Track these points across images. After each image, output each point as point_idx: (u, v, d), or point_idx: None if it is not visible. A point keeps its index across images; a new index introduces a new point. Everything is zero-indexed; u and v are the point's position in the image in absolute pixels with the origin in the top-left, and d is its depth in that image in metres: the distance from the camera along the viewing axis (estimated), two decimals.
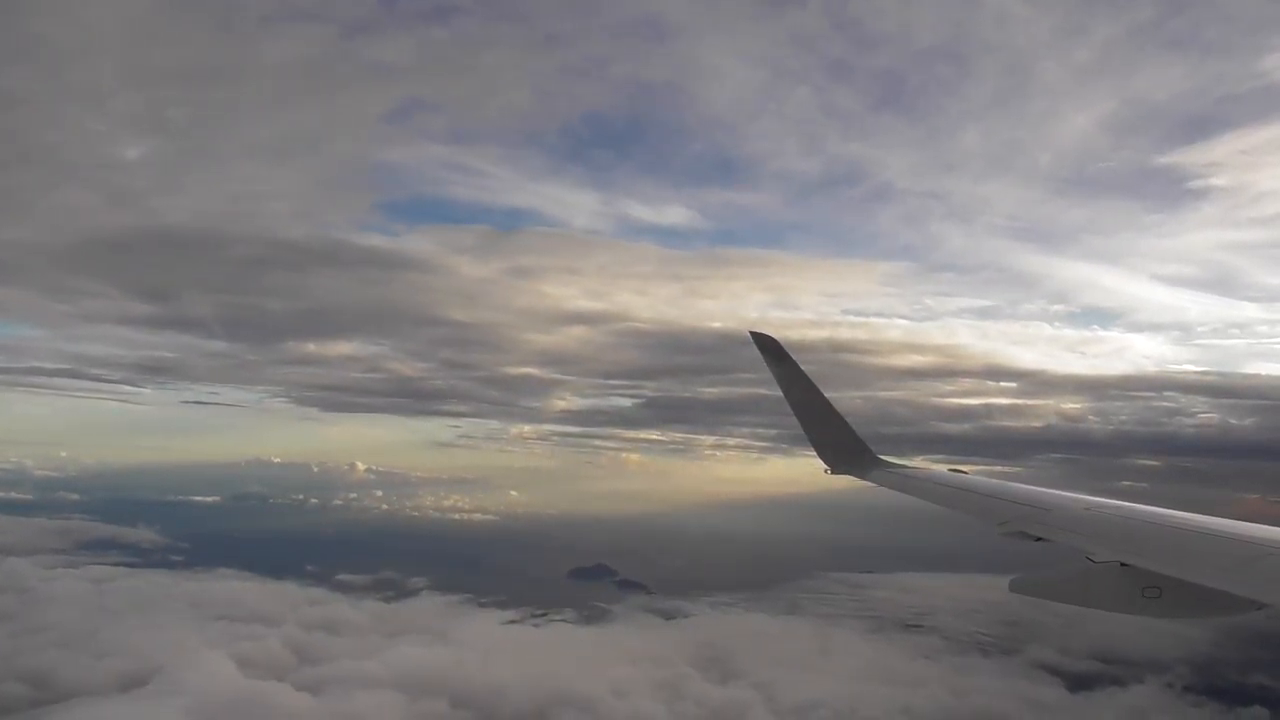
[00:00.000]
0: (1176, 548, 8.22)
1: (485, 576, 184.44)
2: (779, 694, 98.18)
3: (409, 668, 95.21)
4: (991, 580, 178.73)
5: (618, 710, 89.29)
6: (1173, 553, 8.09)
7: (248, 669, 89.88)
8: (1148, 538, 8.67)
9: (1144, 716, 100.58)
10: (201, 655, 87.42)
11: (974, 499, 11.98)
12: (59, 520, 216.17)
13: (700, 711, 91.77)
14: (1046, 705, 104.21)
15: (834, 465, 15.55)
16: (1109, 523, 9.55)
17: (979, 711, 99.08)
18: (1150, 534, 8.78)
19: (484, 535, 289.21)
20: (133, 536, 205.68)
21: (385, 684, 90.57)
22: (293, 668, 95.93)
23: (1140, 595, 7.54)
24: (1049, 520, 9.89)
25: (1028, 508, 10.63)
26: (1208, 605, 7.51)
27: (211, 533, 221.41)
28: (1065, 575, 8.17)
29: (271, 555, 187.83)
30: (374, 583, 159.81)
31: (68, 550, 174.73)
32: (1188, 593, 7.36)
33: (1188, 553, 8.05)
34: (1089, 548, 8.42)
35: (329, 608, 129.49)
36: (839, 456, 15.56)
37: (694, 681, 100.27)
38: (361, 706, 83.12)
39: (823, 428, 15.73)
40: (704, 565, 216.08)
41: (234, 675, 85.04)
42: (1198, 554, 7.93)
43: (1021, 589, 8.45)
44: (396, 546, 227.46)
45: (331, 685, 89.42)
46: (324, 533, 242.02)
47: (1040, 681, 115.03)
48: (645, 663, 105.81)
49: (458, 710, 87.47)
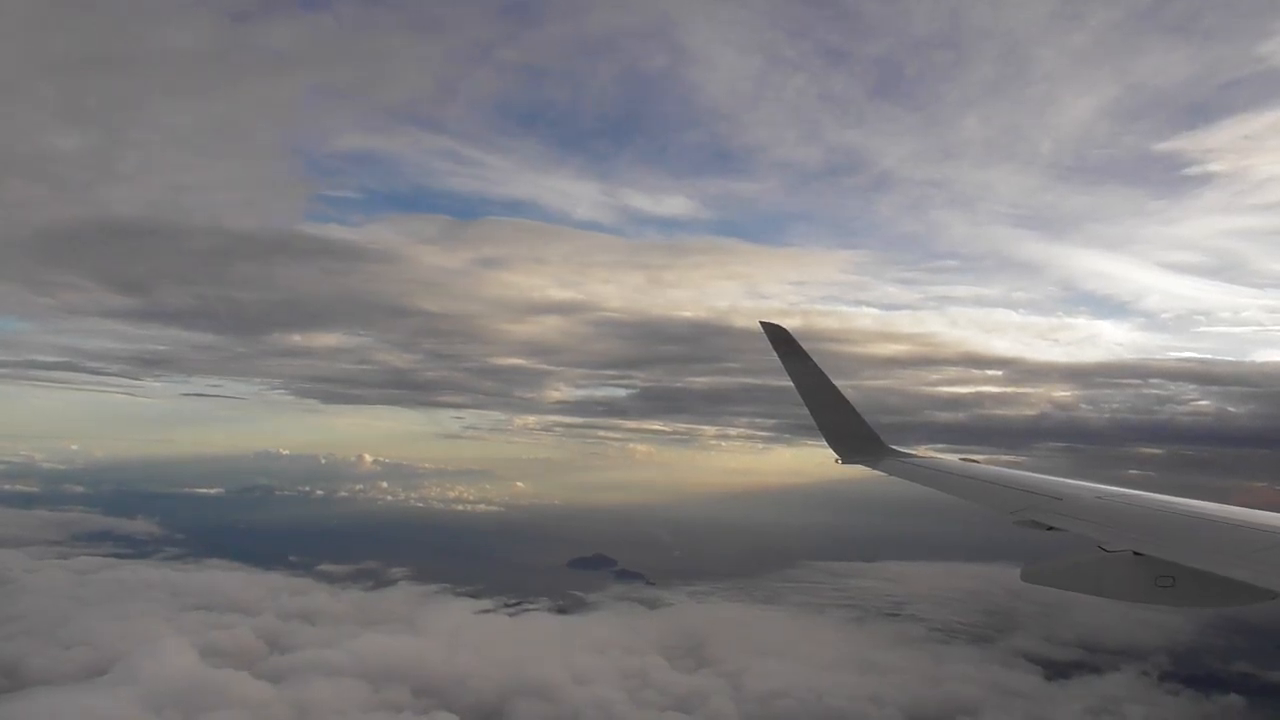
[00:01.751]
0: (1189, 537, 8.26)
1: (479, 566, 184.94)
2: (747, 683, 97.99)
3: (374, 656, 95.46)
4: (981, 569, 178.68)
5: (578, 697, 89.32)
6: (1186, 541, 8.12)
7: (215, 658, 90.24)
8: (1160, 526, 8.68)
9: (1116, 705, 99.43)
10: (164, 645, 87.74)
11: (985, 488, 12.06)
12: (59, 512, 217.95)
13: (663, 699, 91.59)
14: (1021, 693, 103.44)
15: (845, 455, 15.68)
16: (1121, 511, 9.58)
17: (949, 699, 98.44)
18: (1163, 523, 8.79)
19: (486, 526, 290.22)
20: (130, 528, 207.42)
21: (349, 673, 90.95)
22: (262, 657, 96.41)
23: (1153, 584, 7.55)
24: (1061, 509, 9.89)
25: (1039, 496, 10.67)
26: (1221, 594, 7.46)
27: (209, 524, 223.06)
28: (1078, 564, 8.10)
29: (266, 546, 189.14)
30: (355, 572, 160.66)
31: (63, 542, 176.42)
32: (1201, 582, 7.36)
33: (1201, 542, 8.08)
34: (1101, 536, 8.41)
35: (309, 597, 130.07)
36: (850, 446, 15.70)
37: (662, 670, 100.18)
38: (321, 695, 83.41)
39: (834, 418, 15.83)
40: (705, 555, 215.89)
41: (193, 664, 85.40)
42: (1211, 543, 7.97)
43: (1033, 578, 8.34)
44: (395, 537, 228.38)
45: (296, 674, 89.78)
46: (323, 524, 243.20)
47: (1019, 669, 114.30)
48: (615, 651, 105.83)
49: (419, 698, 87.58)
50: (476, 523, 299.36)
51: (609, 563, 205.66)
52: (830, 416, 15.80)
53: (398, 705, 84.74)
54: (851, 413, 15.82)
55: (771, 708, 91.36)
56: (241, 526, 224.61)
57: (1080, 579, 7.94)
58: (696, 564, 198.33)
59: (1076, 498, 10.32)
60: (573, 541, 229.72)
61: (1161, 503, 9.48)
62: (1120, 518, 9.34)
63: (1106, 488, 10.65)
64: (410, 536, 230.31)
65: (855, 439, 15.68)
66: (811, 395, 15.78)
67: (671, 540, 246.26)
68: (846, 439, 15.71)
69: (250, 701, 78.38)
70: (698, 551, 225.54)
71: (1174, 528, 8.56)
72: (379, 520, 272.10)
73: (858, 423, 15.80)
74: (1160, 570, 7.51)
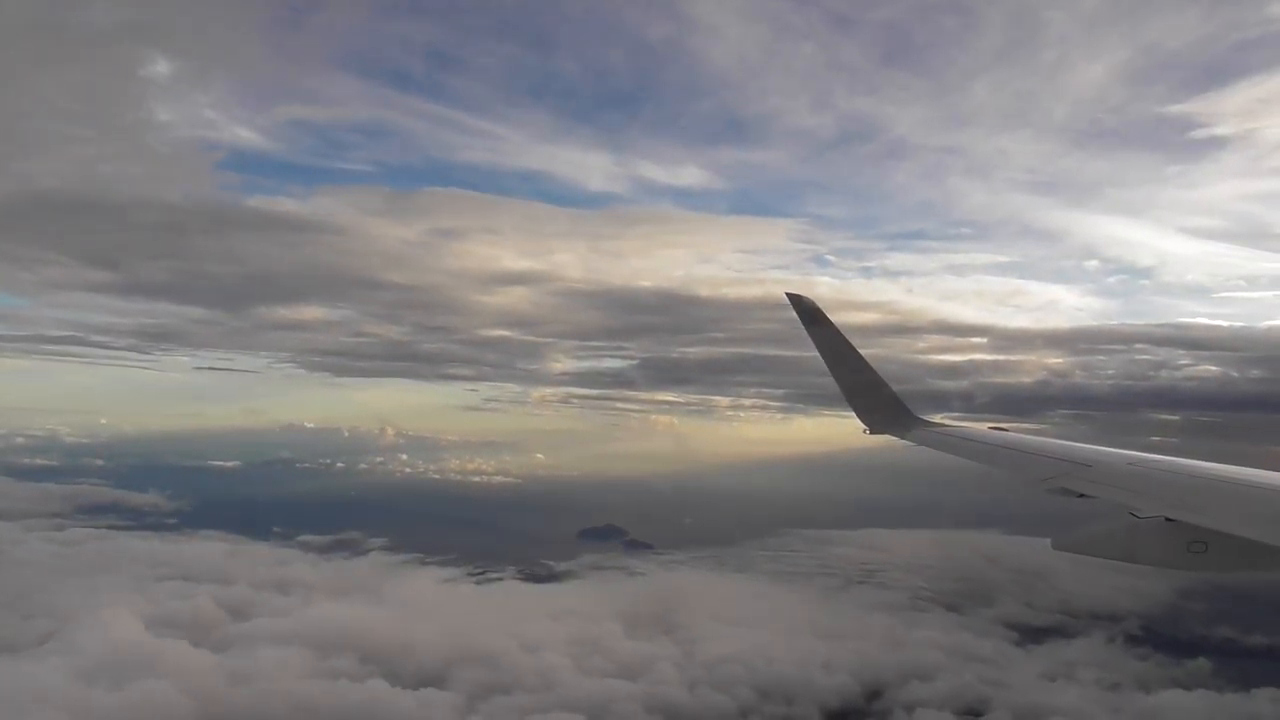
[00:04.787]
0: (1222, 502, 8.20)
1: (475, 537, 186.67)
2: (699, 649, 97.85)
3: (327, 625, 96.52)
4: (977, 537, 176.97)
5: (522, 664, 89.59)
6: (1218, 507, 8.05)
7: (165, 628, 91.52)
8: (1192, 492, 8.64)
9: (1071, 669, 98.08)
10: (108, 614, 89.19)
11: (1015, 456, 12.09)
12: (70, 485, 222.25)
13: (608, 666, 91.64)
14: (983, 658, 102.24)
15: (873, 425, 15.74)
16: (1152, 478, 9.55)
17: (906, 664, 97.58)
18: (1195, 488, 8.75)
19: (501, 498, 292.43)
20: (137, 501, 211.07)
21: (300, 641, 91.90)
22: (217, 626, 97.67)
23: (1186, 550, 7.55)
24: (1092, 476, 9.91)
25: (1070, 464, 10.64)
26: (1254, 559, 7.47)
27: (220, 497, 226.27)
28: (1109, 531, 8.12)
29: (265, 518, 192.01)
30: (336, 543, 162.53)
31: (65, 514, 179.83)
32: (1234, 547, 7.35)
33: (1233, 507, 8.01)
34: (1133, 503, 8.41)
35: (289, 568, 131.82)
36: (878, 416, 15.78)
37: (615, 638, 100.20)
38: (262, 664, 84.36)
39: (861, 388, 15.92)
40: (717, 525, 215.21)
41: (135, 633, 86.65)
42: (1243, 508, 7.92)
43: (1065, 546, 8.39)
44: (398, 509, 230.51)
45: (246, 643, 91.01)
46: (329, 496, 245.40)
47: (992, 636, 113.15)
48: (574, 619, 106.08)
49: (365, 665, 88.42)
50: (491, 494, 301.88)
51: (619, 533, 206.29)
52: (857, 387, 15.89)
53: (339, 673, 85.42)
54: (879, 382, 15.93)
55: (717, 673, 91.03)
56: (251, 499, 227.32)
57: (1112, 546, 7.97)
58: (707, 534, 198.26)
59: (1108, 465, 10.27)
60: (585, 512, 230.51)
61: (1193, 468, 9.36)
62: (1152, 484, 9.31)
63: (1138, 454, 10.56)
64: (413, 508, 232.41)
65: (883, 409, 15.80)
66: (838, 366, 15.82)
67: (685, 510, 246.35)
68: (874, 409, 15.83)
69: (184, 670, 79.26)
70: (711, 521, 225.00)
71: (1206, 493, 8.46)
72: (388, 492, 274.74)
73: (886, 393, 15.93)
74: (1193, 536, 7.49)
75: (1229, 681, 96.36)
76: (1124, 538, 7.90)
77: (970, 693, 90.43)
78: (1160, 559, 7.73)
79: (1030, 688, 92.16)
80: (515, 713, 79.60)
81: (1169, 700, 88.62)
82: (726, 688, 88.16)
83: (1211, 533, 7.38)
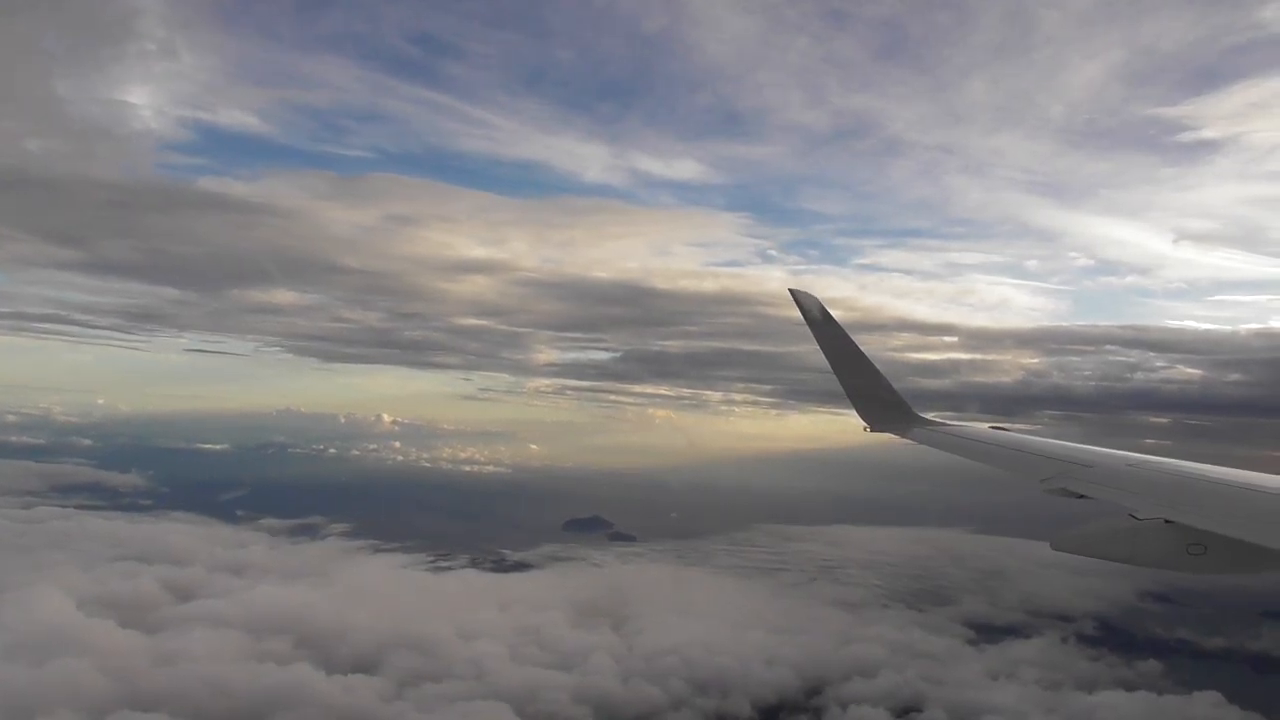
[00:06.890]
0: (1221, 504, 8.22)
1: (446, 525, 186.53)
2: (641, 641, 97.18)
3: (266, 608, 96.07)
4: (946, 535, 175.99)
5: (457, 653, 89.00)
6: (1217, 509, 8.07)
7: (99, 608, 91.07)
8: (1192, 494, 8.64)
9: (1015, 668, 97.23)
10: (39, 593, 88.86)
11: (1015, 456, 12.06)
12: (53, 465, 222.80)
13: (544, 656, 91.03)
14: (930, 655, 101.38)
15: (873, 423, 15.65)
16: (1152, 479, 9.55)
17: (851, 660, 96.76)
18: (1195, 490, 8.75)
19: (490, 487, 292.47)
20: (115, 481, 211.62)
21: (237, 624, 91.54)
22: (156, 607, 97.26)
23: (1185, 552, 7.53)
24: (1091, 477, 9.90)
25: (1070, 464, 10.63)
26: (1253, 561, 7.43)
27: (200, 480, 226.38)
28: (1109, 532, 8.07)
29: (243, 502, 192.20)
30: (299, 527, 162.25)
31: (37, 493, 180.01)
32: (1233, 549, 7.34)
33: (1233, 509, 8.05)
34: (1132, 504, 8.40)
35: (246, 550, 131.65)
36: (879, 415, 15.70)
37: (557, 628, 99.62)
38: (194, 646, 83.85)
39: (862, 386, 15.84)
40: (703, 519, 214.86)
41: (64, 613, 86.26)
42: (1243, 510, 7.96)
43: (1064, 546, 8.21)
44: (380, 495, 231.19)
45: (182, 625, 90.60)
46: (314, 481, 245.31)
47: (947, 634, 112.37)
48: (520, 608, 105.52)
49: (298, 649, 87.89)
50: (480, 484, 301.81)
51: (605, 525, 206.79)
52: (859, 384, 15.77)
53: (272, 656, 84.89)
54: (880, 381, 15.84)
55: (654, 665, 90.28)
56: (229, 482, 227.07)
57: (1111, 546, 7.92)
58: (692, 526, 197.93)
59: (1108, 466, 10.26)
60: (573, 503, 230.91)
61: (1192, 470, 9.33)
62: (1152, 485, 9.27)
63: (1137, 455, 10.53)
64: (392, 495, 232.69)
65: (884, 407, 15.68)
66: (840, 363, 15.69)
67: (673, 503, 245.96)
68: (875, 407, 15.71)
69: (108, 650, 78.96)
70: (697, 515, 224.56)
71: (1206, 495, 8.46)
72: (372, 478, 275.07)
73: (887, 391, 15.81)
74: (1192, 538, 7.47)
75: (1176, 684, 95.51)
76: (1124, 539, 7.89)
77: (909, 690, 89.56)
78: (1159, 560, 7.67)
79: (970, 686, 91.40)
80: (442, 700, 79.01)
81: (1107, 700, 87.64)
82: (661, 680, 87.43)
83: (1211, 535, 7.38)
